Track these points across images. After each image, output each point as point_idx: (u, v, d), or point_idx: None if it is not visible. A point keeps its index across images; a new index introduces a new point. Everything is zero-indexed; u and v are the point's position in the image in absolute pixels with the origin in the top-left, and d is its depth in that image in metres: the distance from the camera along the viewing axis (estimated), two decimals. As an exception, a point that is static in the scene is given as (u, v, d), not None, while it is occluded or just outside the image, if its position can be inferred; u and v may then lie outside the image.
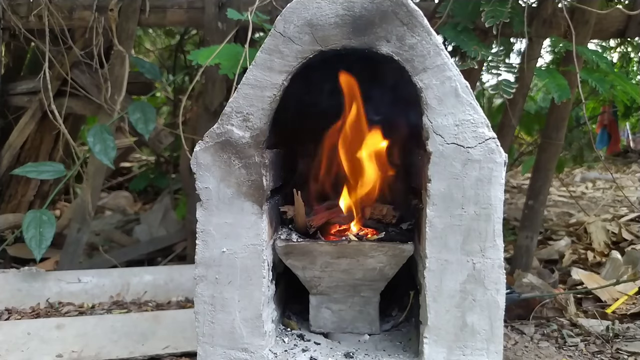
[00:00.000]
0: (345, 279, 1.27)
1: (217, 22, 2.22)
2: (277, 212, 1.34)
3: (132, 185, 3.87)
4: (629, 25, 2.20)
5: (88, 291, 2.07)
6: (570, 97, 1.82)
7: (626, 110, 3.80)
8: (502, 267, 1.10)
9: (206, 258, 1.15)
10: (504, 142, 1.98)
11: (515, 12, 1.83)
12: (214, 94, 2.27)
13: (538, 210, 2.34)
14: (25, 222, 1.94)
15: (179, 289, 2.10)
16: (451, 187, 1.09)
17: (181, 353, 1.61)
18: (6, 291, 1.98)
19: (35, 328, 1.71)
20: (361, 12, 1.08)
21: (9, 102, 2.56)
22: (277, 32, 1.10)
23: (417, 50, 1.08)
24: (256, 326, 1.16)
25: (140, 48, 3.79)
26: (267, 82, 1.11)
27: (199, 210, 1.15)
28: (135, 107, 2.10)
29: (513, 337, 1.73)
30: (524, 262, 2.31)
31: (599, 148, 5.97)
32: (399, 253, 1.22)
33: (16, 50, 2.72)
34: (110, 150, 2.01)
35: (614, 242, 2.79)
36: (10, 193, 2.66)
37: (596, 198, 4.50)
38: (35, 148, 2.68)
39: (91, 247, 2.84)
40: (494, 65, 1.83)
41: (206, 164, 1.14)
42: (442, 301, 1.11)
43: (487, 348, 1.11)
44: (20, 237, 2.13)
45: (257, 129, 1.12)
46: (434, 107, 1.08)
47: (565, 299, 1.91)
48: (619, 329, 1.75)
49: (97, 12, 2.22)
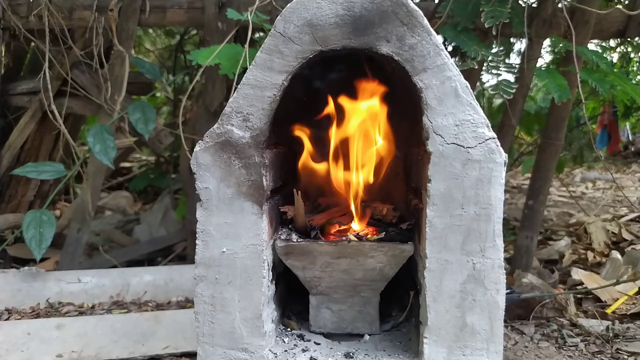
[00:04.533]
0: (345, 279, 1.27)
1: (217, 22, 2.22)
2: (277, 212, 1.34)
3: (132, 185, 3.87)
4: (629, 25, 2.20)
5: (88, 291, 2.07)
6: (570, 97, 1.82)
7: (626, 110, 3.81)
8: (502, 267, 1.10)
9: (206, 258, 1.15)
10: (504, 142, 1.98)
11: (515, 12, 1.83)
12: (214, 94, 2.28)
13: (538, 210, 2.34)
14: (25, 222, 1.94)
15: (179, 289, 2.10)
16: (451, 187, 1.09)
17: (181, 353, 1.61)
18: (6, 291, 1.98)
19: (35, 328, 1.71)
20: (361, 12, 1.08)
21: (9, 102, 2.56)
22: (277, 32, 1.10)
23: (417, 51, 1.08)
24: (256, 326, 1.16)
25: (140, 48, 3.79)
26: (267, 82, 1.11)
27: (199, 210, 1.15)
28: (135, 107, 2.10)
29: (513, 337, 1.73)
30: (524, 262, 2.31)
31: (599, 148, 5.97)
32: (399, 253, 1.22)
33: (16, 50, 2.72)
34: (110, 150, 2.01)
35: (614, 242, 2.79)
36: (10, 193, 2.66)
37: (596, 198, 4.50)
38: (35, 148, 2.68)
39: (91, 247, 2.84)
40: (494, 65, 1.83)
41: (206, 164, 1.14)
42: (442, 301, 1.11)
43: (487, 348, 1.11)
44: (20, 237, 2.13)
45: (257, 129, 1.12)
46: (434, 107, 1.08)
47: (565, 299, 1.91)
48: (619, 329, 1.75)
49: (97, 12, 2.23)
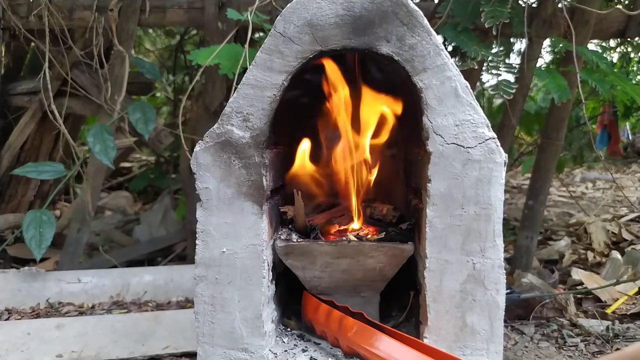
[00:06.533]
0: (345, 279, 1.27)
1: (217, 22, 2.22)
2: (277, 212, 1.34)
3: (132, 185, 3.87)
4: (629, 25, 2.20)
5: (88, 291, 2.07)
6: (570, 97, 1.82)
7: (626, 110, 3.80)
8: (502, 267, 1.10)
9: (206, 258, 1.15)
10: (504, 142, 1.98)
11: (515, 12, 1.83)
12: (214, 94, 2.27)
13: (538, 210, 2.34)
14: (25, 222, 1.94)
15: (179, 289, 2.10)
16: (451, 187, 1.09)
17: (181, 353, 1.61)
18: (6, 291, 1.98)
19: (35, 328, 1.71)
20: (361, 12, 1.08)
21: (9, 102, 2.56)
22: (277, 32, 1.10)
23: (417, 51, 1.08)
24: (256, 326, 1.16)
25: (140, 48, 3.79)
26: (267, 82, 1.11)
27: (199, 210, 1.15)
28: (135, 107, 2.10)
29: (513, 337, 1.73)
30: (524, 262, 2.31)
31: (599, 148, 5.97)
32: (399, 253, 1.22)
33: (16, 50, 2.72)
34: (110, 150, 2.01)
35: (614, 242, 2.79)
36: (10, 193, 2.66)
37: (596, 198, 4.50)
38: (35, 148, 2.67)
39: (91, 247, 2.84)
40: (494, 65, 1.83)
41: (206, 164, 1.14)
42: (442, 301, 1.11)
43: (487, 348, 1.11)
44: (20, 237, 2.13)
45: (257, 129, 1.12)
46: (434, 107, 1.08)
47: (565, 299, 1.91)
48: (619, 329, 1.75)
49: (97, 12, 2.22)
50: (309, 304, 1.27)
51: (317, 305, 1.24)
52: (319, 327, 1.23)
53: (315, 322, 1.24)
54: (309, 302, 1.27)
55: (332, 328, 1.17)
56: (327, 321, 1.19)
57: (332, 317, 1.18)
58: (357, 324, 1.12)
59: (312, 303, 1.26)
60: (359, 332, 1.11)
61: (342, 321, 1.15)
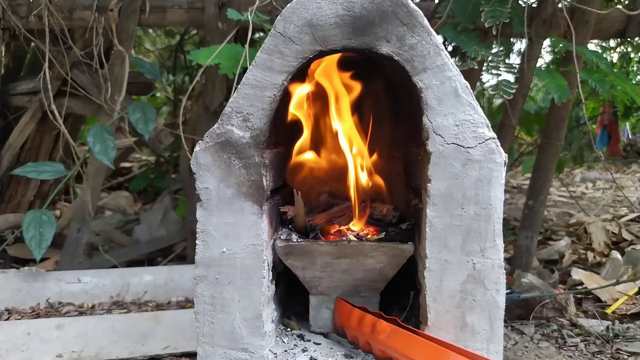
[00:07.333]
0: (346, 279, 1.27)
1: (217, 22, 2.22)
2: (277, 212, 1.34)
3: (132, 185, 3.87)
4: (629, 25, 2.20)
5: (88, 291, 2.07)
6: (570, 97, 1.82)
7: (626, 110, 3.80)
8: (502, 267, 1.10)
9: (206, 258, 1.15)
10: (504, 142, 1.98)
11: (515, 12, 1.83)
12: (214, 94, 2.27)
13: (538, 210, 2.34)
14: (25, 222, 1.94)
15: (179, 289, 2.10)
16: (451, 187, 1.09)
17: (181, 353, 1.61)
18: (6, 291, 1.98)
19: (35, 328, 1.71)
20: (361, 12, 1.08)
21: (9, 102, 2.56)
22: (277, 32, 1.10)
23: (417, 51, 1.08)
24: (256, 326, 1.16)
25: (140, 48, 3.79)
26: (267, 82, 1.11)
27: (199, 210, 1.14)
28: (135, 107, 2.10)
29: (513, 337, 1.73)
30: (524, 262, 2.31)
31: (599, 148, 5.97)
32: (399, 253, 1.22)
33: (16, 50, 2.72)
34: (110, 150, 2.01)
35: (614, 242, 2.79)
36: (10, 193, 2.66)
37: (596, 198, 4.50)
38: (35, 148, 2.68)
39: (91, 247, 2.84)
40: (494, 65, 1.83)
41: (206, 164, 1.14)
42: (442, 301, 1.11)
43: (487, 348, 1.11)
44: (20, 237, 2.13)
45: (257, 129, 1.12)
46: (434, 107, 1.08)
47: (565, 299, 1.91)
48: (619, 329, 1.75)
49: (97, 12, 2.22)
50: (342, 310, 1.26)
51: (350, 310, 1.23)
52: (350, 333, 1.22)
53: (347, 327, 1.23)
54: (342, 308, 1.26)
55: (365, 332, 1.16)
56: (360, 325, 1.18)
57: (365, 322, 1.17)
58: (390, 327, 1.11)
59: (345, 309, 1.25)
60: (392, 334, 1.10)
61: (375, 325, 1.14)
